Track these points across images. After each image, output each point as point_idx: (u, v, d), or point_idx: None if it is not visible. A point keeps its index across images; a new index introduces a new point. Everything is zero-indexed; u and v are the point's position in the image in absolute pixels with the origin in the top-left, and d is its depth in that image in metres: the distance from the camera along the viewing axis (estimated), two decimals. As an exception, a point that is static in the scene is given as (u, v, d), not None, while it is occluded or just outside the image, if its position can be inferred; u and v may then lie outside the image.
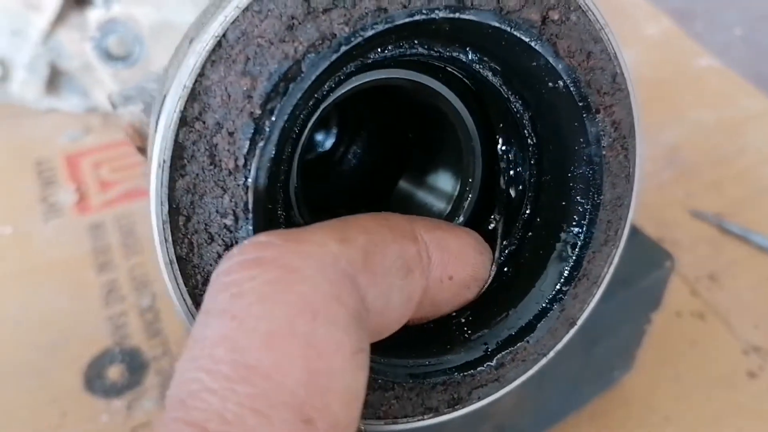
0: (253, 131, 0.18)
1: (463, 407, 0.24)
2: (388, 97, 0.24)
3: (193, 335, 0.19)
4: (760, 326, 0.55)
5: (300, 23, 0.18)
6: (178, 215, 0.19)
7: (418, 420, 0.24)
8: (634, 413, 0.51)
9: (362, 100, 0.23)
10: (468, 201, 0.26)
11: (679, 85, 0.76)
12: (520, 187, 0.25)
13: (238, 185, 0.19)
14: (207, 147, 0.18)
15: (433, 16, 0.19)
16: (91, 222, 0.63)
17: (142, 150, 0.31)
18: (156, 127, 0.18)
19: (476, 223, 0.25)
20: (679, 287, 0.58)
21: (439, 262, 0.22)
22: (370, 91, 0.22)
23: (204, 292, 0.19)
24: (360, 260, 0.19)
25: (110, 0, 0.51)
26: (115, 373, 0.52)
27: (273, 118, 0.18)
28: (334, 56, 0.18)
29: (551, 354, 0.24)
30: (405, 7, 0.18)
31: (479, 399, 0.24)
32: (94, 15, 0.51)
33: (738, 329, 0.55)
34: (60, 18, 0.64)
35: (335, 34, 0.18)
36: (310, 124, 0.21)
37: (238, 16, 0.18)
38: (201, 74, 0.18)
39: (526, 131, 0.23)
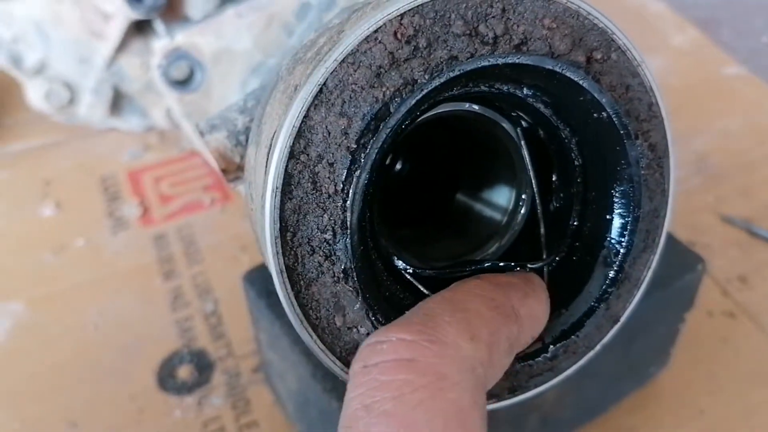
0: (349, 162, 0.22)
1: (522, 393, 0.27)
2: (451, 123, 0.27)
3: (354, 428, 0.21)
4: None
5: (386, 71, 0.21)
6: (287, 231, 0.22)
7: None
8: (669, 407, 0.52)
9: (430, 126, 0.26)
10: (521, 214, 0.29)
11: (707, 93, 0.77)
12: (568, 201, 0.28)
13: (337, 206, 0.22)
14: (310, 175, 0.22)
15: (496, 62, 0.22)
16: (155, 233, 0.66)
17: (225, 171, 0.35)
18: (267, 159, 0.22)
19: (528, 232, 0.29)
20: (710, 288, 0.59)
21: (529, 329, 0.25)
22: (437, 119, 0.26)
23: (307, 296, 0.22)
24: (486, 358, 0.23)
25: (174, 30, 0.55)
26: (185, 372, 0.55)
27: (366, 151, 0.21)
28: (415, 99, 0.21)
29: (598, 347, 0.27)
30: (472, 56, 0.22)
31: (536, 386, 0.27)
32: (160, 44, 0.54)
33: (767, 327, 0.57)
34: (122, 45, 0.68)
35: (416, 80, 0.21)
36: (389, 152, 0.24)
37: (336, 68, 0.21)
38: (306, 116, 0.21)
39: (573, 154, 0.27)
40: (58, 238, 0.65)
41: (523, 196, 0.29)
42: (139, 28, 0.67)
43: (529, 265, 0.27)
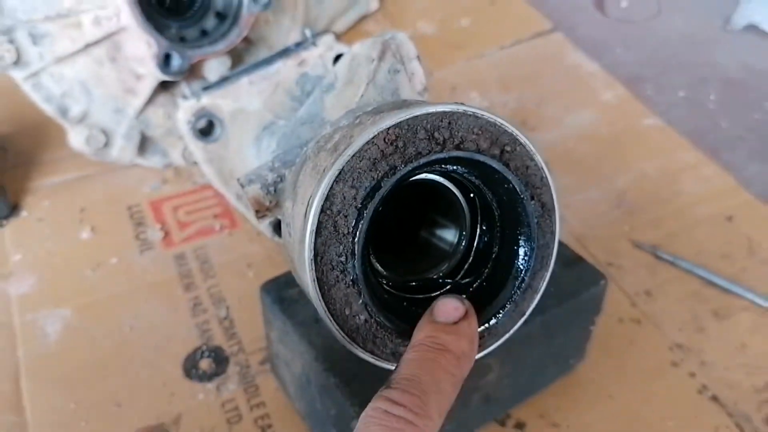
0: (356, 215, 0.35)
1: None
2: (420, 185, 0.40)
3: None
4: (682, 330, 0.69)
5: (378, 161, 0.34)
6: (317, 256, 0.35)
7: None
8: (585, 392, 0.64)
9: (407, 187, 0.39)
10: (462, 245, 0.42)
11: (629, 140, 0.89)
12: (492, 238, 0.41)
13: (348, 241, 0.35)
14: (332, 222, 0.34)
15: (445, 155, 0.35)
16: (175, 253, 0.76)
17: (258, 211, 0.47)
18: (306, 212, 0.35)
19: (466, 256, 0.42)
20: (622, 300, 0.71)
21: (468, 368, 0.36)
22: (411, 184, 0.39)
23: (328, 296, 0.35)
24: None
25: (199, 94, 0.67)
26: (205, 364, 0.66)
27: (367, 209, 0.34)
28: (396, 178, 0.34)
29: (510, 333, 0.40)
30: (430, 152, 0.35)
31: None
32: (188, 104, 0.66)
33: (666, 332, 0.69)
34: (150, 99, 0.80)
35: (396, 167, 0.34)
36: None
37: (349, 159, 0.34)
38: (331, 187, 0.34)
39: (494, 209, 0.40)
40: (95, 257, 0.75)
41: (463, 234, 0.42)
42: (164, 86, 0.79)
43: (465, 279, 0.41)
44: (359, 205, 0.34)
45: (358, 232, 0.35)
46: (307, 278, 0.35)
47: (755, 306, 0.71)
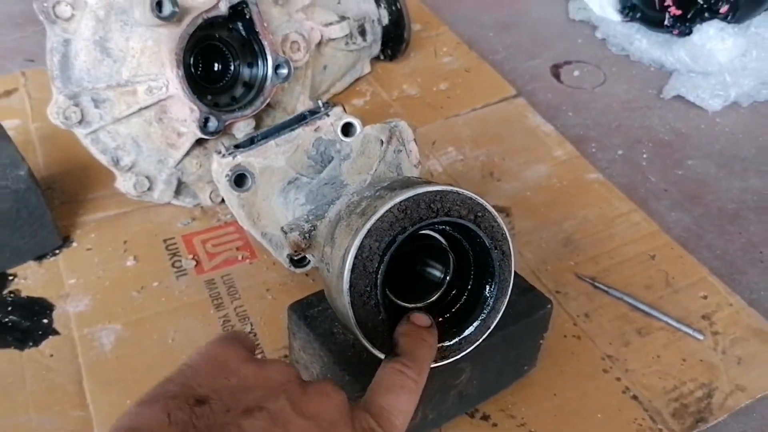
0: (379, 260, 0.50)
1: (446, 360, 0.55)
2: (420, 236, 0.56)
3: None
4: (612, 344, 0.81)
5: (393, 223, 0.50)
6: (351, 287, 0.50)
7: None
8: (535, 391, 0.76)
9: (412, 237, 0.54)
10: (447, 279, 0.58)
11: (575, 191, 1.03)
12: (468, 276, 0.57)
13: (373, 277, 0.50)
14: (363, 264, 0.50)
15: (437, 219, 0.51)
16: (206, 279, 0.88)
17: (296, 252, 0.62)
18: (344, 256, 0.50)
19: (450, 287, 0.58)
20: (566, 320, 0.84)
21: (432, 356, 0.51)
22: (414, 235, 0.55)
23: (358, 313, 0.50)
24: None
25: (235, 153, 0.82)
26: None
27: (386, 255, 0.50)
28: (405, 235, 0.50)
29: (479, 341, 0.56)
30: (428, 217, 0.51)
31: (452, 357, 0.56)
32: (226, 161, 0.81)
33: (599, 345, 0.81)
34: (187, 152, 0.95)
35: (405, 228, 0.50)
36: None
37: (375, 222, 0.50)
38: (361, 241, 0.50)
39: (469, 254, 0.56)
40: (139, 281, 0.87)
41: (448, 271, 0.58)
42: (198, 141, 0.94)
43: (449, 304, 0.57)
44: (381, 253, 0.50)
45: (379, 271, 0.50)
46: (344, 301, 0.51)
47: (669, 326, 0.87)
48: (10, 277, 0.90)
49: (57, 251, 0.93)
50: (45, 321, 0.84)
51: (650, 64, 1.39)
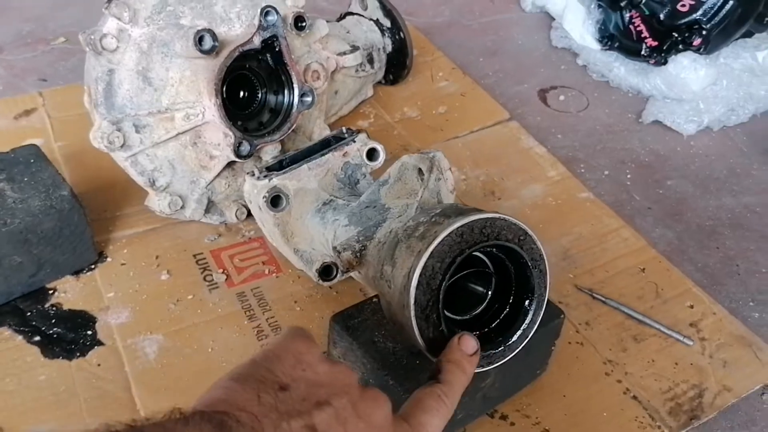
0: (441, 278, 0.57)
1: (491, 365, 0.62)
2: (472, 258, 0.62)
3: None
4: (612, 349, 0.88)
5: (452, 246, 0.57)
6: (416, 302, 0.57)
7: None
8: (546, 392, 0.81)
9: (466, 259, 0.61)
10: (490, 294, 0.65)
11: (569, 209, 1.10)
12: (509, 291, 0.64)
13: (434, 293, 0.57)
14: (426, 282, 0.56)
15: (489, 243, 0.58)
16: (237, 291, 0.93)
17: (348, 270, 0.68)
18: (409, 274, 0.56)
19: (493, 301, 0.65)
20: (569, 328, 0.89)
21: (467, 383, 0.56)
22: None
23: (420, 324, 0.57)
24: None
25: (271, 176, 0.88)
26: None
27: (447, 274, 0.56)
28: (463, 256, 0.57)
29: (518, 349, 0.63)
30: (481, 242, 0.58)
31: (496, 363, 0.63)
32: (262, 183, 0.87)
33: (600, 351, 0.87)
34: (218, 174, 1.01)
35: (463, 250, 0.57)
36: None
37: (437, 245, 0.57)
38: (425, 261, 0.56)
39: (511, 272, 0.63)
40: (175, 293, 0.91)
41: (490, 287, 0.66)
42: (228, 164, 1.00)
43: (492, 316, 0.64)
44: (442, 272, 0.57)
45: (441, 288, 0.57)
46: (408, 313, 0.57)
47: (661, 333, 0.95)
48: (51, 291, 0.93)
49: (93, 266, 0.97)
50: (89, 332, 0.88)
51: (629, 90, 1.49)
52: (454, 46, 1.60)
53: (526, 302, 0.62)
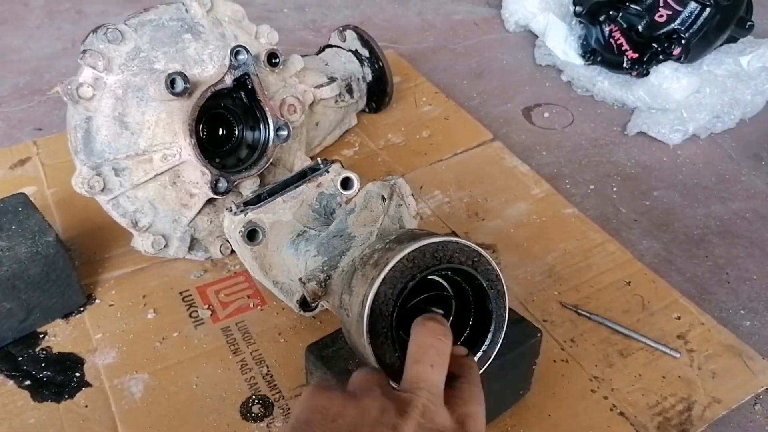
0: (393, 304, 0.57)
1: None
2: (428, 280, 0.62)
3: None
4: (597, 365, 0.87)
5: (404, 272, 0.57)
6: (371, 328, 0.57)
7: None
8: (531, 413, 0.82)
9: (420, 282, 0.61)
10: (451, 318, 0.65)
11: (554, 226, 1.09)
12: (468, 311, 0.64)
13: (388, 319, 0.57)
14: (379, 309, 0.56)
15: (441, 266, 0.58)
16: (222, 326, 0.93)
17: (314, 300, 0.69)
18: (363, 302, 0.56)
19: (455, 323, 0.65)
20: (554, 345, 0.90)
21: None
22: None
23: (376, 349, 0.57)
24: None
25: (246, 211, 0.88)
26: (256, 409, 0.83)
27: (399, 300, 0.57)
28: (414, 281, 0.57)
29: (480, 371, 0.63)
30: (433, 266, 0.58)
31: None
32: (239, 218, 0.87)
33: (586, 367, 0.87)
34: (199, 211, 1.02)
35: (414, 275, 0.57)
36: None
37: (388, 271, 0.57)
38: (378, 289, 0.57)
39: (469, 294, 0.63)
40: (161, 332, 0.92)
41: (450, 310, 0.65)
42: (209, 200, 1.01)
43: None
44: (394, 299, 0.57)
45: (393, 314, 0.57)
46: (363, 341, 0.57)
47: (648, 347, 0.94)
48: (41, 335, 0.94)
49: (82, 308, 0.98)
50: (77, 374, 0.89)
51: (613, 103, 1.49)
52: (440, 71, 1.61)
53: (485, 323, 0.62)
